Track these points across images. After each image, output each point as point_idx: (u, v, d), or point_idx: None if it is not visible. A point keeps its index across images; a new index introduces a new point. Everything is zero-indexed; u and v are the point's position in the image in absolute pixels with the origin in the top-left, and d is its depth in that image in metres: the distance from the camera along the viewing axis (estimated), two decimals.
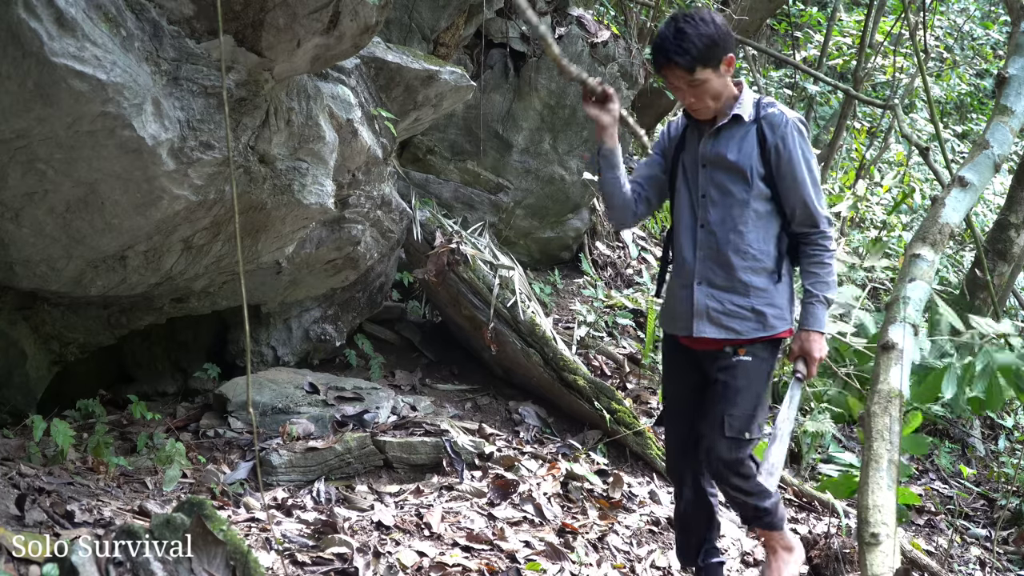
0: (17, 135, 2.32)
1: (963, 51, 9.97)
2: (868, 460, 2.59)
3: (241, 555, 1.87)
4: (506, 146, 5.22)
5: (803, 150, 2.51)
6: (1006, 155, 3.68)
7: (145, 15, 2.35)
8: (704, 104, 2.52)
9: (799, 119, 2.54)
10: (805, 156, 2.50)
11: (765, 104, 2.54)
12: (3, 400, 3.46)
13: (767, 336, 2.58)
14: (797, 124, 2.52)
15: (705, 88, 2.48)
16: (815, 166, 2.54)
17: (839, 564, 3.24)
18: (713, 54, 2.44)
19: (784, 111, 2.54)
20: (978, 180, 3.52)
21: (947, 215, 3.38)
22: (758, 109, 2.53)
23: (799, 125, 2.52)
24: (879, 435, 2.63)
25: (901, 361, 2.86)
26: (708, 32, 2.43)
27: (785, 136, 2.49)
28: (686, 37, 2.42)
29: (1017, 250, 5.90)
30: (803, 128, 2.53)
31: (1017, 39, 4.01)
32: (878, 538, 2.36)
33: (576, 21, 5.21)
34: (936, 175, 4.98)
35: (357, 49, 2.89)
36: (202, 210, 2.86)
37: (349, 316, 4.39)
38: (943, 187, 3.74)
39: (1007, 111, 3.74)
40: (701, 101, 2.51)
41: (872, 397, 2.79)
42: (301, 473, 3.25)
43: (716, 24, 2.46)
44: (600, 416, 3.97)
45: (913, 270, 3.23)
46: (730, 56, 2.48)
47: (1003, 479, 4.68)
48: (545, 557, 2.90)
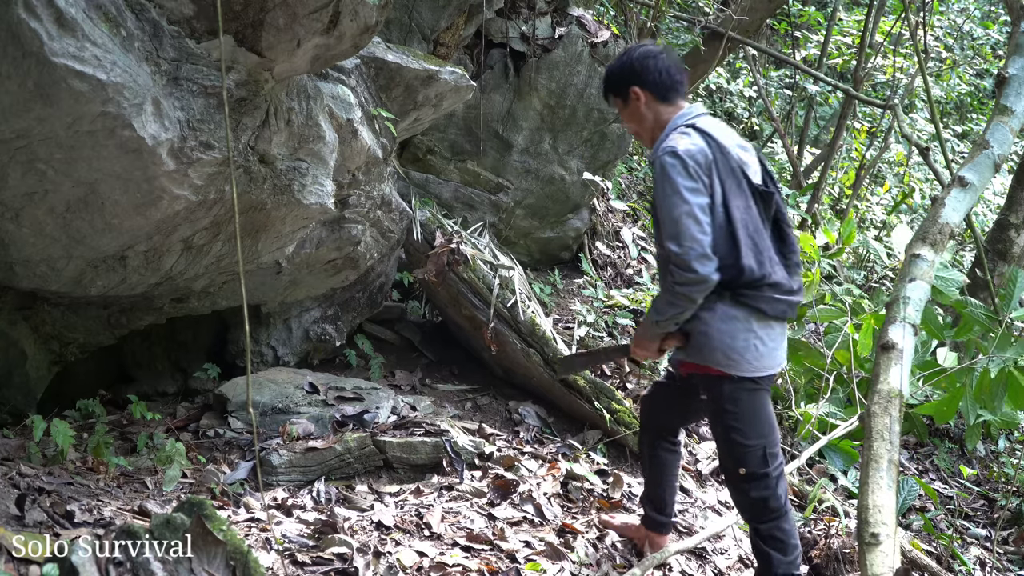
0: (17, 135, 2.32)
1: (963, 51, 9.97)
2: (868, 460, 2.59)
3: (241, 555, 1.87)
4: (506, 146, 5.22)
5: (663, 183, 2.49)
6: (1006, 155, 3.68)
7: (145, 15, 2.35)
8: (633, 131, 2.81)
9: (668, 150, 2.51)
10: (664, 189, 2.49)
11: (663, 145, 2.56)
12: (3, 400, 3.46)
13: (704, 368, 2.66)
14: (661, 158, 2.51)
15: (623, 117, 2.78)
16: (675, 195, 2.47)
17: (839, 564, 3.24)
18: (615, 87, 2.74)
19: (663, 145, 2.55)
20: (978, 180, 3.52)
21: (947, 215, 3.39)
22: (657, 150, 2.59)
23: (663, 158, 2.50)
24: (879, 435, 2.64)
25: (901, 361, 2.87)
26: (611, 67, 2.76)
27: (655, 171, 2.54)
28: (606, 70, 2.78)
29: (1017, 250, 5.91)
30: (668, 160, 2.49)
31: (1017, 39, 4.02)
32: (878, 538, 2.36)
33: (576, 21, 5.21)
34: (936, 175, 4.98)
35: (357, 49, 2.89)
36: (202, 210, 2.86)
37: (349, 316, 4.39)
38: (943, 187, 3.74)
39: (1007, 111, 3.74)
40: (629, 126, 2.80)
41: (872, 397, 2.79)
42: (301, 473, 3.25)
43: (623, 60, 2.72)
44: (600, 416, 3.97)
45: (913, 270, 3.23)
46: (634, 89, 2.68)
47: (1003, 479, 4.68)
48: (545, 557, 2.90)
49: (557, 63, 5.12)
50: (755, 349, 2.57)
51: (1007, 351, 3.97)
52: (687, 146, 2.49)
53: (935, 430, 5.19)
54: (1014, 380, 3.90)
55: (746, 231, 2.51)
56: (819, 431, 4.37)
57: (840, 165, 9.83)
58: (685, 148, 2.49)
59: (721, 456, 2.81)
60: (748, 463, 2.65)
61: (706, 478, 3.98)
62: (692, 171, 2.46)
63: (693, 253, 2.43)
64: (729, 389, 2.62)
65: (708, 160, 2.50)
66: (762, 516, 2.69)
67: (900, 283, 3.23)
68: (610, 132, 5.47)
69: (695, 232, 2.43)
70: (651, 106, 2.67)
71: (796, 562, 2.71)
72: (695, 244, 2.43)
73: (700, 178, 2.47)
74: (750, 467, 2.65)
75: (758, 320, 2.57)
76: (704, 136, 2.55)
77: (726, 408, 2.65)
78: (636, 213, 6.87)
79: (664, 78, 2.66)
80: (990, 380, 4.00)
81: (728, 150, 2.57)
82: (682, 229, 2.44)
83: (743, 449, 2.66)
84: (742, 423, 2.64)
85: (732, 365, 2.58)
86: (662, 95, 2.67)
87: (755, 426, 2.64)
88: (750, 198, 2.58)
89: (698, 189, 2.46)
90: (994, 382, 3.97)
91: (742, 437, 2.65)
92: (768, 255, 2.56)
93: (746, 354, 2.57)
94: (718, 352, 2.58)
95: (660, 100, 2.67)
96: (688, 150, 2.48)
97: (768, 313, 2.57)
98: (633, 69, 2.67)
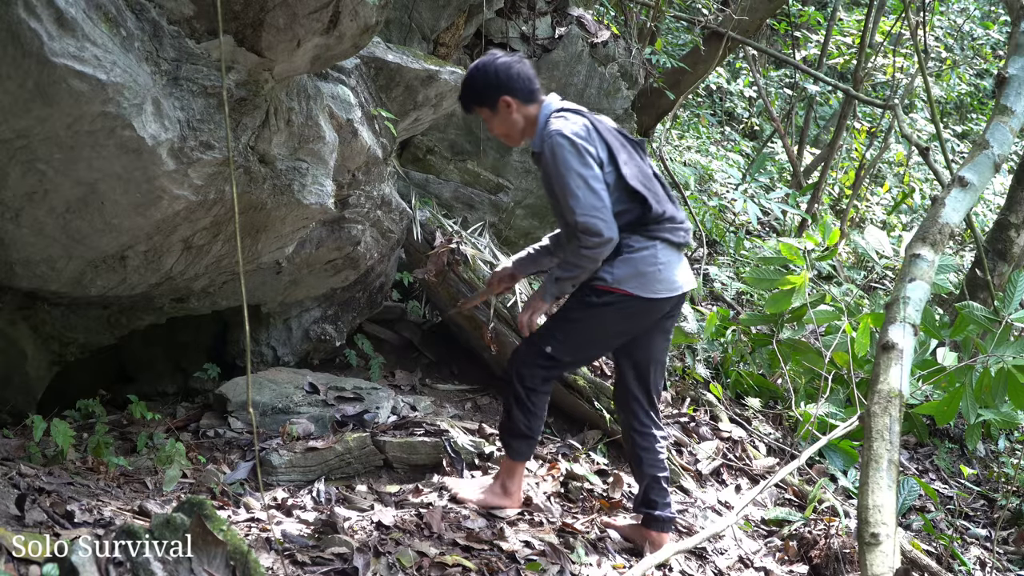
0: (17, 135, 2.32)
1: (963, 51, 9.98)
2: (868, 460, 2.59)
3: (241, 555, 1.87)
4: (506, 146, 5.22)
5: (557, 163, 2.80)
6: (1006, 155, 3.68)
7: (145, 15, 2.35)
8: (502, 135, 3.04)
9: (556, 134, 2.81)
10: (558, 169, 2.79)
11: (548, 132, 2.85)
12: (3, 400, 3.46)
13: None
14: (552, 143, 2.81)
15: (491, 124, 3.01)
16: (570, 172, 2.78)
17: (839, 564, 3.24)
18: (480, 97, 2.95)
19: (548, 131, 2.84)
20: (978, 180, 3.52)
21: (947, 215, 3.39)
22: (542, 138, 2.88)
23: (554, 141, 2.80)
24: (879, 435, 2.64)
25: (901, 361, 2.87)
26: (473, 79, 2.95)
27: (546, 156, 2.84)
28: (463, 82, 2.99)
29: (1017, 250, 5.91)
30: (558, 141, 2.79)
31: (1017, 39, 4.02)
32: (878, 538, 2.36)
33: (576, 21, 5.22)
34: (936, 175, 4.98)
35: (357, 49, 2.89)
36: (202, 210, 2.86)
37: (349, 316, 4.39)
38: (943, 187, 3.74)
39: (1007, 111, 3.75)
40: (497, 131, 3.03)
41: (872, 397, 2.79)
42: (301, 473, 3.25)
43: (486, 72, 2.92)
44: (600, 416, 3.97)
45: (913, 270, 3.23)
46: (504, 99, 2.91)
47: (1003, 479, 4.68)
48: (545, 557, 2.90)
49: (557, 63, 5.12)
50: (660, 273, 2.92)
51: (1006, 350, 3.97)
52: (571, 128, 2.81)
53: (935, 430, 5.19)
54: (1013, 379, 3.90)
55: (638, 180, 2.86)
56: (819, 431, 4.37)
57: (840, 165, 9.84)
58: (571, 130, 2.80)
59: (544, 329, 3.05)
60: (559, 352, 2.99)
61: (706, 478, 3.98)
62: (581, 148, 2.78)
63: (597, 218, 2.75)
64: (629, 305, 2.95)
65: (590, 134, 2.84)
66: (529, 382, 3.02)
67: (900, 283, 3.23)
68: None
69: (594, 200, 2.75)
70: (520, 110, 2.95)
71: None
72: (596, 211, 2.75)
73: (588, 152, 2.79)
74: (558, 355, 3.00)
75: (665, 248, 2.93)
76: (578, 115, 2.90)
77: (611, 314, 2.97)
78: None
79: (528, 83, 2.94)
80: (990, 379, 4.00)
81: (599, 120, 2.94)
82: (583, 199, 2.75)
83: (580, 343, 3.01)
84: (598, 333, 3.00)
85: (642, 288, 2.90)
86: (528, 99, 2.95)
87: (609, 340, 3.05)
88: (632, 152, 2.95)
89: (588, 163, 2.78)
90: (994, 381, 3.97)
91: (591, 338, 3.01)
92: (661, 195, 2.93)
93: (657, 277, 2.92)
94: (633, 279, 2.90)
95: (527, 103, 2.95)
96: (574, 131, 2.80)
97: (673, 241, 2.94)
98: (500, 80, 2.91)
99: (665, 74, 6.88)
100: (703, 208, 7.17)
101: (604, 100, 5.35)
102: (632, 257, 2.89)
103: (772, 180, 8.74)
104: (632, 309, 2.94)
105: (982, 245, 5.88)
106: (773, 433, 4.61)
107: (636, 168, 2.90)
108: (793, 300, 4.71)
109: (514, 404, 3.08)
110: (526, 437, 3.11)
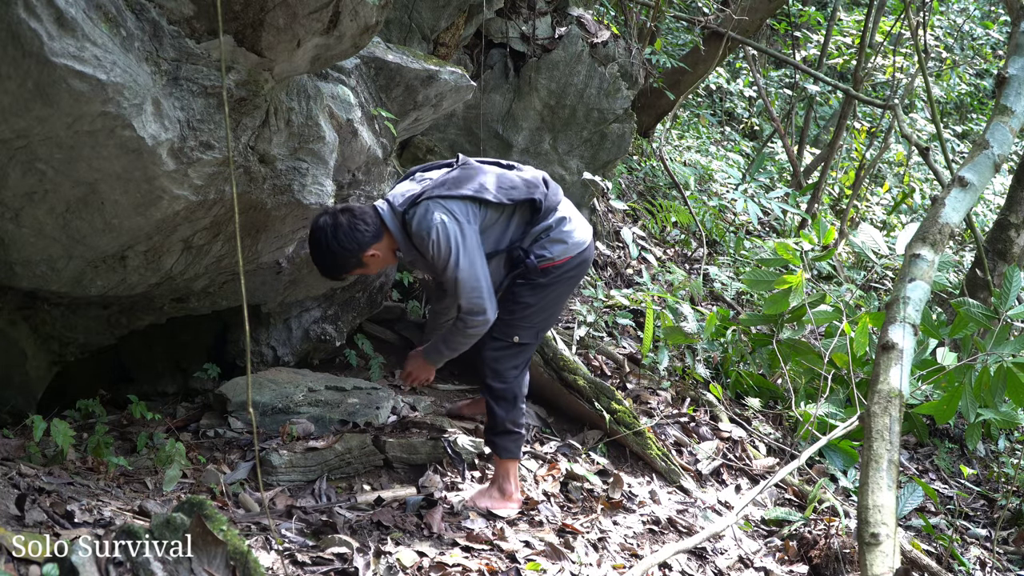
0: (17, 135, 2.32)
1: (963, 51, 9.98)
2: (868, 460, 2.59)
3: (241, 555, 1.87)
4: (506, 146, 5.22)
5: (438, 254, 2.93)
6: (1006, 155, 3.68)
7: (145, 15, 2.35)
8: (377, 270, 3.17)
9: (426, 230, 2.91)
10: (440, 256, 2.93)
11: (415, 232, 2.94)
12: (3, 400, 3.46)
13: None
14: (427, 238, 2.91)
15: (369, 271, 3.09)
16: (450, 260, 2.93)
17: (839, 564, 3.24)
18: (354, 265, 3.02)
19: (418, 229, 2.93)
20: (978, 180, 3.52)
21: (947, 215, 3.39)
22: (408, 238, 2.99)
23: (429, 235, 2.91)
24: (879, 435, 2.64)
25: (901, 361, 2.87)
26: (333, 257, 2.97)
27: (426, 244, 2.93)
28: (316, 264, 3.04)
29: (1017, 250, 5.91)
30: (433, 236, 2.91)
31: (1017, 39, 4.02)
32: (878, 538, 2.36)
33: (576, 21, 5.22)
34: (936, 175, 4.98)
35: (357, 49, 2.89)
36: (202, 210, 2.87)
37: (349, 316, 4.38)
38: (943, 187, 3.74)
39: (1007, 111, 3.75)
40: (375, 271, 3.13)
41: (872, 397, 2.79)
42: (301, 473, 3.25)
43: (341, 245, 2.93)
44: (600, 416, 3.97)
45: (913, 270, 3.24)
46: (368, 254, 2.99)
47: (1003, 479, 4.68)
48: (545, 557, 2.91)
49: (557, 63, 5.12)
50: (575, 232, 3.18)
51: (1005, 348, 3.97)
52: (436, 219, 2.89)
53: (935, 430, 5.19)
54: (1013, 376, 3.89)
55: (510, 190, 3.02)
56: (819, 431, 4.37)
57: (840, 165, 9.84)
58: (439, 220, 2.89)
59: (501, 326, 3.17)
60: (527, 336, 3.19)
61: (706, 478, 3.98)
62: (453, 235, 2.88)
63: (480, 302, 2.95)
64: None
65: (454, 217, 2.91)
66: (505, 377, 3.20)
67: (900, 283, 3.23)
68: (610, 132, 5.48)
69: (478, 285, 2.93)
70: (380, 247, 3.02)
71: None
72: (480, 296, 2.94)
73: (462, 235, 2.90)
74: (527, 339, 3.19)
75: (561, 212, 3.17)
76: (433, 203, 2.93)
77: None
78: (636, 213, 6.88)
79: (372, 226, 2.98)
80: (989, 377, 3.99)
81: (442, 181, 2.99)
82: (466, 288, 2.92)
83: (542, 320, 3.24)
84: (554, 303, 3.23)
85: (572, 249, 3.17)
86: (379, 235, 3.01)
87: (562, 302, 3.30)
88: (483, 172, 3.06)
89: (465, 247, 2.90)
90: (993, 379, 3.97)
91: (551, 311, 3.25)
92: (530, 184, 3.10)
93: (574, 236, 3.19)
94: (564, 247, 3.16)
95: (380, 238, 3.01)
96: (441, 221, 2.89)
97: (556, 200, 3.17)
98: (357, 243, 2.96)
99: (665, 74, 6.89)
100: (703, 208, 7.16)
101: (604, 100, 5.35)
102: (560, 231, 3.14)
103: (772, 180, 8.74)
104: (574, 271, 3.20)
105: (982, 245, 5.88)
106: (773, 433, 4.60)
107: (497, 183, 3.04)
108: (791, 300, 4.70)
109: (494, 404, 3.18)
110: (511, 433, 3.19)
